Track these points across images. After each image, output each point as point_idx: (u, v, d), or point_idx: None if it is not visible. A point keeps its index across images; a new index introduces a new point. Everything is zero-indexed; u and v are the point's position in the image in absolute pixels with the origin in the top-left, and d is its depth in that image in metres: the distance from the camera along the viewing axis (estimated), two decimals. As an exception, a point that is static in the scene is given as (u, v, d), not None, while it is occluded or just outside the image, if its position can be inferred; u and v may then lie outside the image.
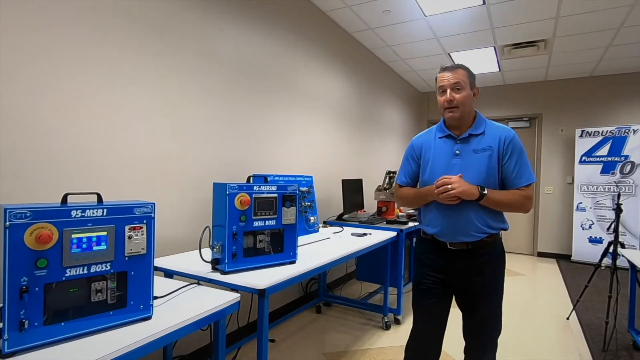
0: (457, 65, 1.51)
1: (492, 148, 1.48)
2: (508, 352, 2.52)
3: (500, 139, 1.48)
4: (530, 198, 1.47)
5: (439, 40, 4.11)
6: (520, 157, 1.48)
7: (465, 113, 1.51)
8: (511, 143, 1.48)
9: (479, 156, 1.49)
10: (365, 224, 3.13)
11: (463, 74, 1.49)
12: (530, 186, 1.48)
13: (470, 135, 1.52)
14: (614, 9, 3.26)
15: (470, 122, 1.55)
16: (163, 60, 2.02)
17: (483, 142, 1.50)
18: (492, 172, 1.47)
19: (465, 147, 1.52)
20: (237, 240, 1.57)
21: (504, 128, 1.53)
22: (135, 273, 1.14)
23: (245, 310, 2.50)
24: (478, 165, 1.48)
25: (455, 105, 1.48)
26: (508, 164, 1.47)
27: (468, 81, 1.50)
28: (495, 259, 1.53)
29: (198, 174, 2.25)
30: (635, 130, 4.89)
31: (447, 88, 1.49)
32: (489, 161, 1.47)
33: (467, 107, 1.50)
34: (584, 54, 4.44)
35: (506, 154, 1.47)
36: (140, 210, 1.15)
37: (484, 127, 1.53)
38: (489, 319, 1.53)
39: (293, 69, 3.11)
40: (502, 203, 1.46)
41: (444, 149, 1.56)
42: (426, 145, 1.62)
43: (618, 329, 2.82)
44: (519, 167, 1.47)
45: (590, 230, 5.14)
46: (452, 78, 1.48)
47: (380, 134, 4.99)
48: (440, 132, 1.59)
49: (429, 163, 1.58)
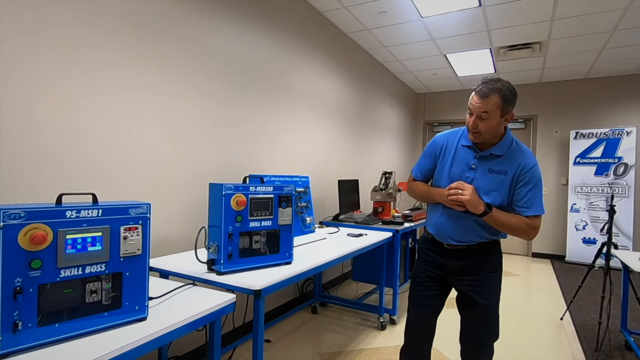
0: (492, 90, 1.39)
1: (508, 173, 1.46)
2: (502, 353, 2.54)
3: (519, 166, 1.46)
4: (536, 229, 1.45)
5: (435, 41, 4.12)
6: (534, 188, 1.45)
7: (488, 138, 1.48)
8: (529, 172, 1.45)
9: (492, 177, 1.48)
10: (361, 224, 3.14)
11: (495, 103, 1.39)
12: (538, 217, 1.45)
13: (491, 154, 1.49)
14: (607, 12, 3.29)
15: (495, 141, 1.50)
16: (159, 61, 2.01)
17: (501, 165, 1.48)
18: (501, 195, 1.47)
19: (482, 164, 1.50)
20: (233, 241, 1.57)
21: (527, 154, 1.49)
22: (130, 274, 1.13)
23: (241, 311, 2.50)
24: (487, 185, 1.48)
25: (478, 132, 1.46)
26: (520, 191, 1.45)
27: (500, 110, 1.40)
28: (490, 260, 1.55)
29: (194, 174, 2.25)
30: (628, 132, 4.94)
31: (474, 113, 1.44)
32: (500, 184, 1.47)
33: (490, 134, 1.46)
34: (578, 56, 4.48)
35: (520, 180, 1.45)
36: (135, 211, 1.15)
37: (508, 149, 1.49)
38: (485, 320, 1.54)
39: (289, 69, 3.11)
40: (504, 225, 1.45)
41: (462, 158, 1.55)
42: (449, 148, 1.60)
43: (611, 329, 2.85)
44: (530, 196, 1.44)
45: (584, 231, 5.18)
46: (481, 107, 1.41)
47: (376, 134, 5.00)
48: (465, 140, 1.56)
49: (446, 166, 1.57)
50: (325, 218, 3.42)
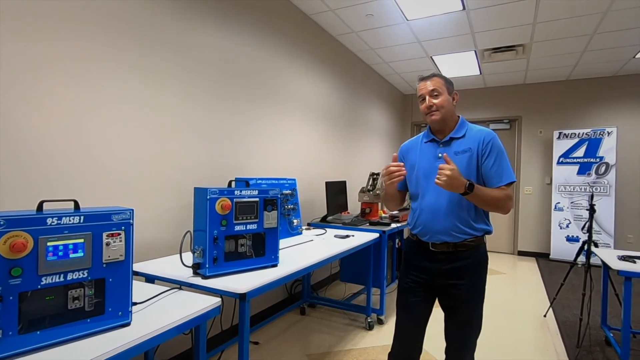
0: (433, 74, 1.59)
1: (472, 149, 1.53)
2: (488, 350, 2.59)
3: (480, 140, 1.53)
4: (511, 198, 1.50)
5: (421, 43, 4.18)
6: (499, 157, 1.52)
7: (447, 116, 1.57)
8: (490, 143, 1.52)
9: (459, 158, 1.53)
10: (349, 225, 3.17)
11: (439, 82, 1.57)
12: (510, 186, 1.51)
13: (452, 138, 1.58)
14: (587, 15, 3.38)
15: (452, 126, 1.60)
16: (143, 63, 2.01)
17: (464, 145, 1.55)
18: (471, 172, 1.52)
19: (447, 150, 1.56)
20: (218, 245, 1.58)
21: (484, 130, 1.58)
22: (113, 280, 1.13)
23: (229, 313, 2.50)
24: (458, 166, 1.50)
25: (435, 110, 1.55)
26: (487, 163, 1.51)
27: (445, 87, 1.57)
28: (477, 264, 1.56)
29: (180, 178, 2.24)
30: (609, 133, 5.07)
31: (425, 95, 1.57)
32: (468, 162, 1.52)
33: (447, 110, 1.56)
34: (560, 58, 4.58)
35: (485, 153, 1.52)
36: (118, 217, 1.15)
37: (465, 130, 1.59)
38: (470, 321, 1.56)
39: (277, 72, 3.12)
40: (487, 199, 1.46)
41: (428, 152, 1.62)
42: (412, 150, 1.68)
43: (592, 326, 2.93)
44: (497, 166, 1.51)
45: (567, 229, 5.30)
46: (429, 85, 1.56)
47: (364, 135, 5.04)
48: (426, 137, 1.66)
49: (415, 166, 1.63)
50: (314, 220, 3.44)
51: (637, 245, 5.11)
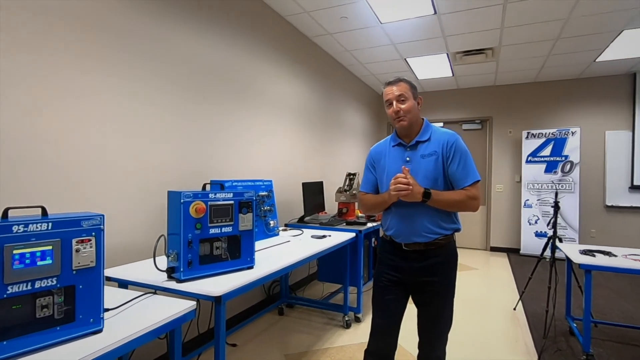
0: (399, 79, 1.63)
1: (437, 152, 1.59)
2: (461, 344, 2.69)
3: (444, 143, 1.59)
4: (475, 198, 1.56)
5: (396, 46, 4.26)
6: (463, 158, 1.57)
7: (413, 121, 1.63)
8: (453, 145, 1.58)
9: (426, 161, 1.59)
10: (326, 225, 3.20)
11: (405, 87, 1.61)
12: (475, 185, 1.57)
13: (418, 142, 1.63)
14: (550, 22, 3.55)
15: (417, 129, 1.66)
16: (114, 65, 1.97)
17: (429, 148, 1.61)
18: (439, 174, 1.58)
19: (414, 154, 1.63)
20: (193, 248, 1.58)
21: (447, 132, 1.64)
22: (83, 286, 1.12)
23: (206, 316, 2.49)
24: (426, 170, 1.58)
25: (402, 115, 1.60)
26: (452, 165, 1.57)
27: (411, 92, 1.61)
28: (448, 261, 1.63)
29: (153, 181, 2.21)
30: (573, 132, 5.33)
31: (392, 100, 1.61)
32: (435, 165, 1.58)
33: (413, 115, 1.61)
34: (527, 61, 4.78)
35: (449, 156, 1.58)
36: (88, 223, 1.14)
37: (430, 134, 1.64)
38: (442, 316, 1.63)
39: (252, 73, 3.12)
40: (449, 202, 1.54)
41: (396, 156, 1.67)
42: (381, 154, 1.73)
43: (557, 317, 3.08)
44: (462, 167, 1.56)
45: (536, 225, 5.53)
46: (396, 91, 1.60)
47: (340, 136, 5.09)
48: (393, 141, 1.71)
49: (384, 170, 1.68)
50: (291, 220, 3.46)
51: (599, 239, 5.40)
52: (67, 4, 1.74)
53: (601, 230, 5.44)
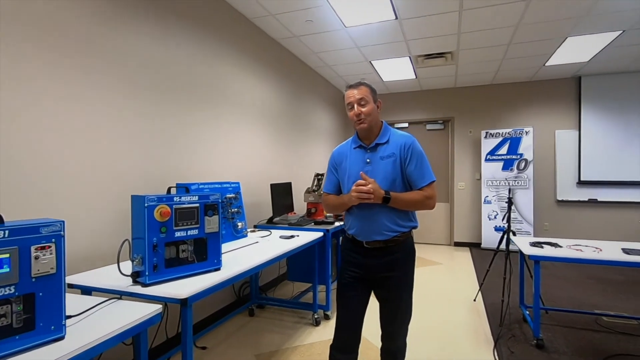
0: (360, 83, 1.70)
1: (395, 154, 1.68)
2: (424, 335, 2.82)
3: (402, 146, 1.68)
4: (430, 197, 1.67)
5: (360, 49, 4.38)
6: (419, 160, 1.67)
7: (373, 124, 1.71)
8: (410, 148, 1.67)
9: (385, 162, 1.68)
10: (295, 226, 3.25)
11: (366, 91, 1.68)
12: (431, 186, 1.67)
13: (377, 144, 1.71)
14: (502, 28, 3.78)
15: (377, 132, 1.74)
16: (73, 68, 1.92)
17: (388, 150, 1.70)
18: (397, 175, 1.67)
19: (374, 156, 1.71)
20: (158, 252, 1.58)
21: (405, 135, 1.73)
22: (44, 294, 1.11)
23: (175, 320, 2.47)
24: (385, 171, 1.67)
25: (363, 118, 1.67)
26: (409, 167, 1.67)
27: (371, 96, 1.69)
28: (406, 256, 1.72)
29: (116, 186, 2.17)
30: (527, 132, 5.67)
31: (354, 104, 1.68)
32: (393, 166, 1.67)
33: (373, 118, 1.69)
34: (484, 65, 5.04)
35: (407, 158, 1.67)
36: (47, 229, 1.13)
37: (389, 136, 1.73)
38: (401, 308, 1.72)
39: (218, 75, 3.11)
40: (407, 202, 1.64)
41: (357, 158, 1.74)
42: (343, 156, 1.80)
43: (512, 306, 3.30)
44: (418, 168, 1.66)
45: (495, 220, 5.84)
46: (357, 94, 1.66)
47: (308, 137, 5.15)
48: (354, 143, 1.78)
49: (346, 172, 1.75)
50: (260, 222, 3.48)
51: (552, 232, 5.78)
52: (25, 8, 1.69)
53: (554, 224, 5.83)
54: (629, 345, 2.59)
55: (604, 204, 5.59)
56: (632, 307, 3.35)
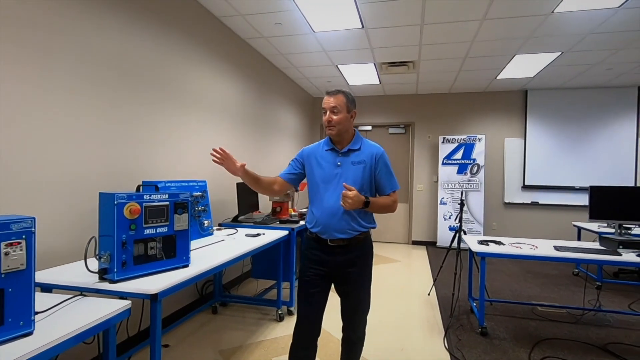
0: (338, 91, 1.81)
1: (366, 162, 1.81)
2: (382, 326, 3.00)
3: (373, 155, 1.82)
4: (396, 201, 1.86)
5: (327, 53, 4.51)
6: (387, 170, 1.84)
7: (342, 131, 1.82)
8: (380, 158, 1.83)
9: (356, 168, 1.81)
10: (260, 224, 3.32)
11: (341, 100, 1.78)
12: (395, 192, 1.86)
13: (350, 150, 1.84)
14: (459, 43, 4.07)
15: (349, 139, 1.86)
16: (37, 65, 1.87)
17: (360, 157, 1.83)
18: (365, 181, 1.80)
19: (345, 160, 1.82)
20: (127, 249, 1.60)
21: (375, 146, 1.88)
22: (13, 289, 1.12)
23: (136, 319, 2.46)
24: (355, 175, 1.79)
25: (333, 125, 1.79)
26: (379, 175, 1.83)
27: (345, 105, 1.79)
28: (365, 253, 1.86)
29: (81, 183, 2.14)
30: (480, 139, 6.09)
31: (327, 110, 1.79)
32: (363, 172, 1.80)
33: (343, 126, 1.80)
34: (442, 74, 5.36)
35: (377, 167, 1.82)
36: (18, 226, 1.14)
37: (361, 144, 1.86)
38: (361, 301, 1.85)
39: (186, 73, 3.11)
40: (381, 205, 1.80)
41: (328, 159, 1.85)
42: (313, 155, 1.90)
43: (462, 299, 3.57)
44: (387, 177, 1.84)
45: (450, 220, 6.22)
46: (332, 102, 1.78)
47: (274, 136, 5.21)
48: (327, 145, 1.89)
49: (315, 170, 1.85)
50: (225, 220, 3.51)
51: (499, 231, 6.25)
52: (-19, -7, 1.64)
53: (501, 224, 6.30)
54: (558, 331, 2.93)
55: (544, 206, 6.13)
56: (563, 298, 3.75)
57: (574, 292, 3.97)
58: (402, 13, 3.38)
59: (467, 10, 3.31)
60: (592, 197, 3.33)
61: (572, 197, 6.01)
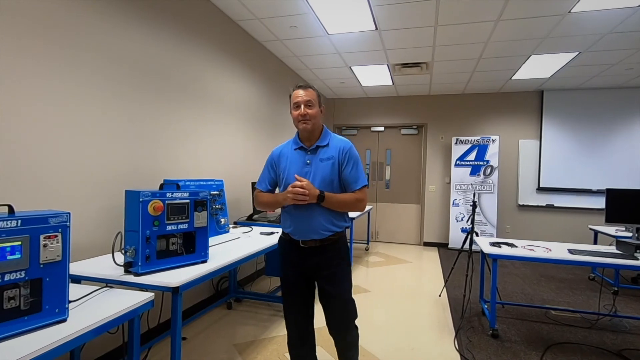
0: (309, 86, 1.79)
1: (334, 157, 1.75)
2: (393, 327, 3.03)
3: (340, 150, 1.76)
4: (361, 200, 1.75)
5: (341, 55, 4.56)
6: (354, 165, 1.76)
7: (315, 127, 1.78)
8: (347, 153, 1.76)
9: (324, 164, 1.75)
10: (274, 223, 3.39)
11: (313, 94, 1.76)
12: (362, 190, 1.75)
13: (318, 146, 1.78)
14: (473, 44, 4.07)
15: (318, 135, 1.81)
16: (69, 66, 1.98)
17: (327, 153, 1.77)
18: (334, 177, 1.74)
19: (314, 157, 1.77)
20: (151, 244, 1.69)
21: (343, 140, 1.82)
22: (50, 279, 1.21)
23: (156, 312, 2.56)
24: (323, 172, 1.74)
25: (308, 119, 1.75)
26: (345, 170, 1.75)
27: (317, 100, 1.78)
28: (340, 253, 1.79)
29: (108, 180, 2.24)
30: (493, 140, 6.05)
31: (301, 104, 1.75)
32: (331, 168, 1.74)
33: (317, 120, 1.77)
34: (456, 76, 5.35)
35: (344, 162, 1.75)
36: (55, 220, 1.23)
37: (329, 140, 1.80)
38: (343, 307, 1.77)
39: (201, 74, 3.20)
40: (340, 202, 1.72)
41: (297, 159, 1.80)
42: (283, 156, 1.85)
43: (473, 300, 3.58)
44: (353, 172, 1.75)
45: (462, 222, 6.19)
46: (305, 96, 1.75)
47: (288, 136, 5.24)
48: (295, 144, 1.84)
49: (285, 171, 1.80)
50: (240, 218, 3.59)
51: (513, 234, 6.20)
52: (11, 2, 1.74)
53: (515, 226, 6.25)
54: (571, 336, 2.91)
55: (560, 209, 6.05)
56: (577, 302, 3.71)
57: (589, 297, 3.93)
58: (415, 15, 3.41)
59: (481, 11, 3.32)
60: (608, 200, 3.30)
61: (589, 200, 5.91)
